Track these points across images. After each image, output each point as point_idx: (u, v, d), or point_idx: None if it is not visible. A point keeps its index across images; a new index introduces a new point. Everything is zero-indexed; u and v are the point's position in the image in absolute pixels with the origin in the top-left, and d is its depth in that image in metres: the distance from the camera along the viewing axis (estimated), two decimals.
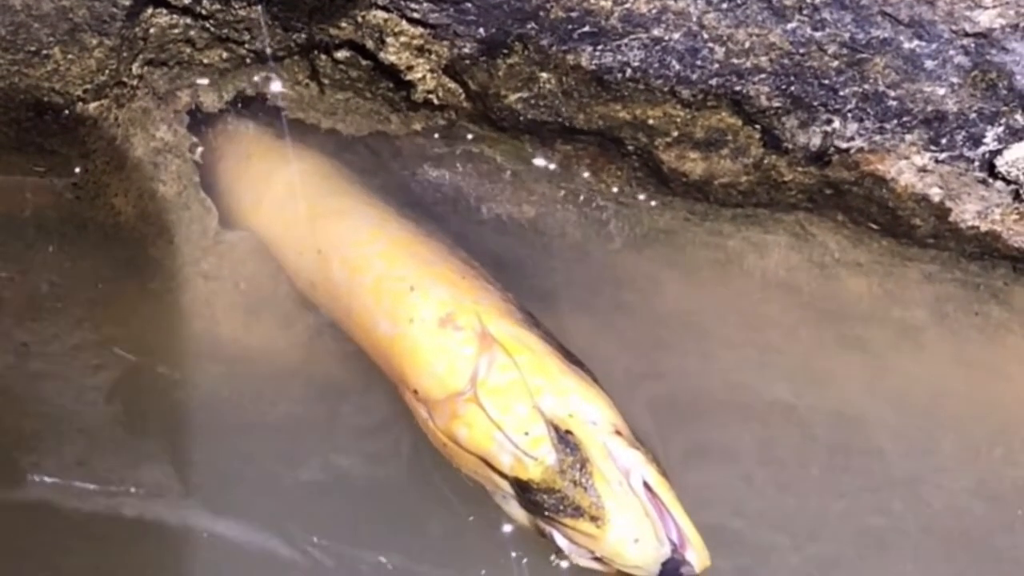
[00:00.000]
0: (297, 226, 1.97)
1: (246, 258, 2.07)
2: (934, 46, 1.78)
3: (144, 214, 2.03)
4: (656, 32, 1.82)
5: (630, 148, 2.00)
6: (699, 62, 1.84)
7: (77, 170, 2.01)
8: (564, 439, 1.62)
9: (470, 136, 2.09)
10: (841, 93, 1.84)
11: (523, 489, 1.63)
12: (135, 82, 1.98)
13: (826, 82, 1.83)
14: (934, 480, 2.04)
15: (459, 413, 1.67)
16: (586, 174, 2.11)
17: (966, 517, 2.01)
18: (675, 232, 2.13)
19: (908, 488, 2.03)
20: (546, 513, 1.62)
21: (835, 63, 1.81)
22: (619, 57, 1.85)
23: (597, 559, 1.62)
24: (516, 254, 2.13)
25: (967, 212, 1.96)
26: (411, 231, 1.92)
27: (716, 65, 1.84)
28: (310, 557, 1.89)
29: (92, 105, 1.94)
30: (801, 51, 1.81)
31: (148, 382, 2.02)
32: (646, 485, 1.61)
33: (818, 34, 1.79)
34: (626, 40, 1.84)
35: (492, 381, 1.66)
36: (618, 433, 1.66)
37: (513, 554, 1.82)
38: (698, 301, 2.16)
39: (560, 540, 1.63)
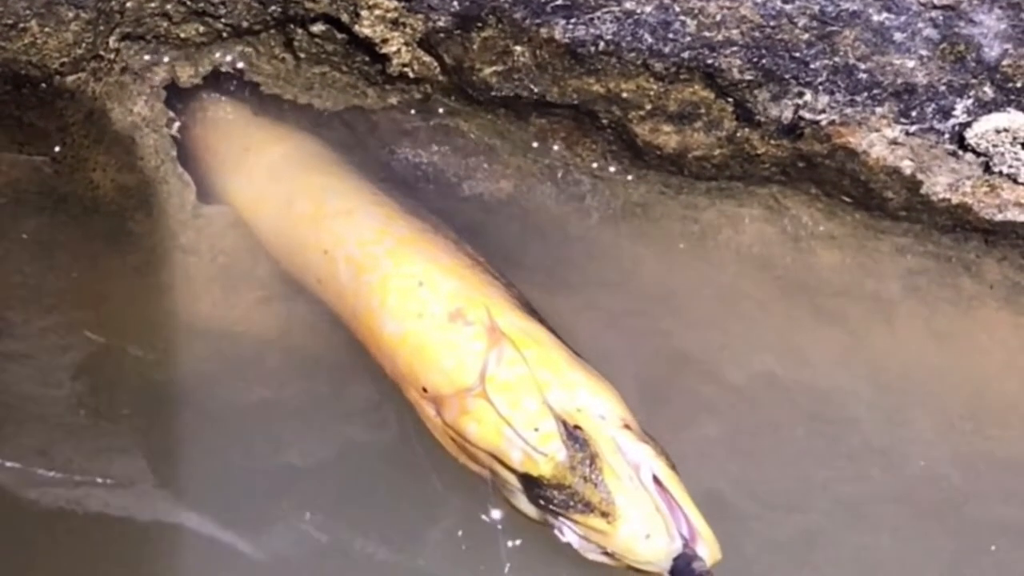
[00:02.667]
0: (302, 226, 1.96)
1: (224, 232, 2.09)
2: (903, 19, 1.79)
3: (122, 188, 2.05)
4: (628, 5, 1.83)
5: (604, 122, 2.01)
6: (671, 35, 1.85)
7: (56, 144, 2.02)
8: (573, 435, 1.60)
9: (446, 110, 2.10)
10: (812, 66, 1.85)
11: (533, 485, 1.62)
12: (112, 56, 1.99)
13: (797, 55, 1.84)
14: (910, 450, 2.06)
15: (468, 409, 1.66)
16: (561, 148, 2.12)
17: (942, 487, 2.03)
18: (651, 205, 2.14)
19: (885, 457, 2.05)
20: (556, 509, 1.60)
21: (805, 36, 1.82)
22: (592, 30, 1.86)
23: (607, 554, 1.60)
24: (495, 228, 2.14)
25: (938, 185, 1.97)
26: (417, 227, 1.90)
27: (688, 38, 1.85)
28: (290, 544, 1.90)
29: (69, 78, 1.95)
30: (772, 24, 1.82)
31: (127, 359, 2.03)
32: (656, 479, 1.60)
33: (788, 7, 1.81)
34: (599, 13, 1.85)
35: (501, 376, 1.65)
36: (627, 427, 1.64)
37: (499, 532, 1.83)
38: (676, 274, 2.17)
39: (570, 535, 1.62)
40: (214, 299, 2.07)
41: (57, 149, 2.02)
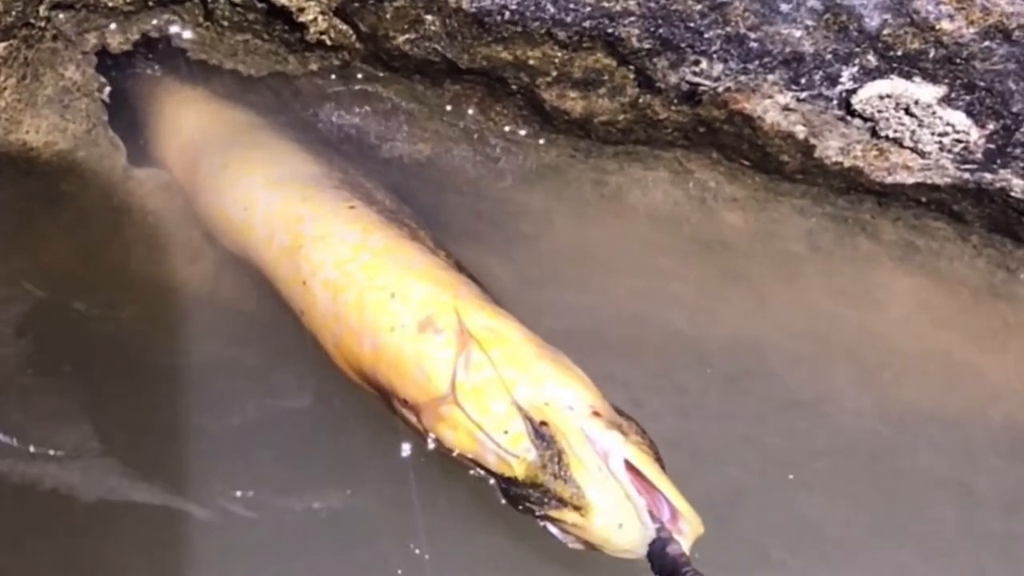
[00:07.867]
0: (283, 259, 1.92)
1: (154, 193, 2.17)
2: None
3: (55, 150, 2.12)
4: None
5: (514, 87, 2.09)
6: (572, 5, 1.93)
7: None
8: (540, 432, 1.61)
9: (365, 76, 2.18)
10: (706, 35, 1.93)
11: (511, 485, 1.63)
12: (43, 24, 2.06)
13: (691, 25, 1.92)
14: (831, 401, 2.13)
15: (443, 416, 1.67)
16: (475, 112, 2.20)
17: (863, 441, 2.10)
18: (562, 168, 2.22)
19: (809, 410, 2.12)
20: (534, 506, 1.62)
21: (698, 6, 1.90)
22: (497, 0, 1.94)
23: (588, 544, 1.62)
24: (415, 190, 2.21)
25: (830, 148, 2.06)
26: (393, 236, 1.88)
27: (588, 8, 1.93)
28: (226, 508, 1.95)
29: (1, 45, 2.02)
30: None
31: (59, 318, 2.10)
32: (629, 464, 1.59)
33: None
34: None
35: (470, 382, 1.65)
36: (596, 414, 1.63)
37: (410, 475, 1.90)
38: (588, 235, 2.24)
39: (553, 529, 1.63)
40: (144, 258, 2.14)
41: None
